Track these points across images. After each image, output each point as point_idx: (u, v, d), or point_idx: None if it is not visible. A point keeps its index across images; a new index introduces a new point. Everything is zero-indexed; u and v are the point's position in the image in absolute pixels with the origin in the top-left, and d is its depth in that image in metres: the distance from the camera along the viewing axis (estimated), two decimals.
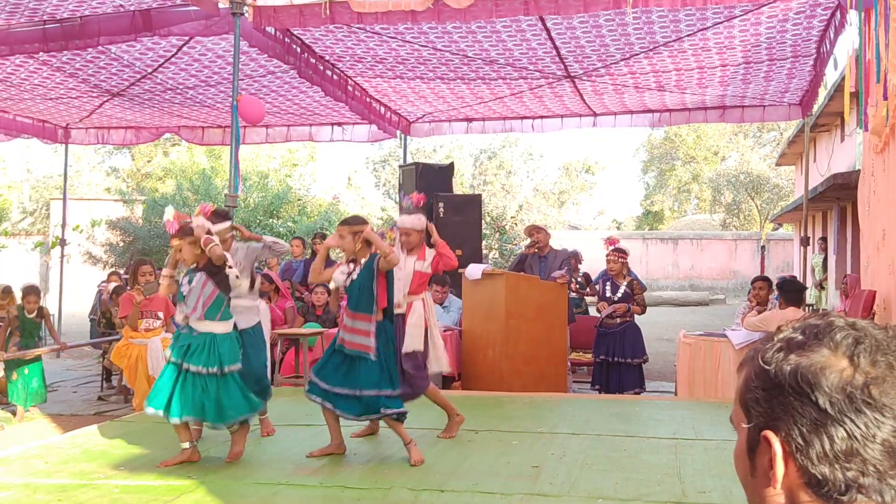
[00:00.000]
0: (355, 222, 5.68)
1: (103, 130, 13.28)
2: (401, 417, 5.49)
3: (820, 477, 1.00)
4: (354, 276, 5.55)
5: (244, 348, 5.84)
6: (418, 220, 6.25)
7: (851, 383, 0.99)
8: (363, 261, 5.56)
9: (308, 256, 11.47)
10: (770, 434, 1.03)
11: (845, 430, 0.99)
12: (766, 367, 1.05)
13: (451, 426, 6.17)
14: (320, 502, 4.64)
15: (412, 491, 4.77)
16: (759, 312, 8.02)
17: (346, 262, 5.70)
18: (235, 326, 5.75)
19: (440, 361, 6.24)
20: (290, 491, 4.85)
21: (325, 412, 5.61)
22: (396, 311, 5.80)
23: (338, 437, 5.70)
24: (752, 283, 8.79)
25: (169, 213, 5.74)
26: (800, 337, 1.06)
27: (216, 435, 6.13)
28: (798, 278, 13.67)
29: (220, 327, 5.54)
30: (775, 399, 1.04)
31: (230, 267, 5.56)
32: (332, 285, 6.10)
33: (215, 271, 5.53)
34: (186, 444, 5.48)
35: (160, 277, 5.84)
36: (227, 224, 6.10)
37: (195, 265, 5.59)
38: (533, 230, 9.43)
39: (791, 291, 7.60)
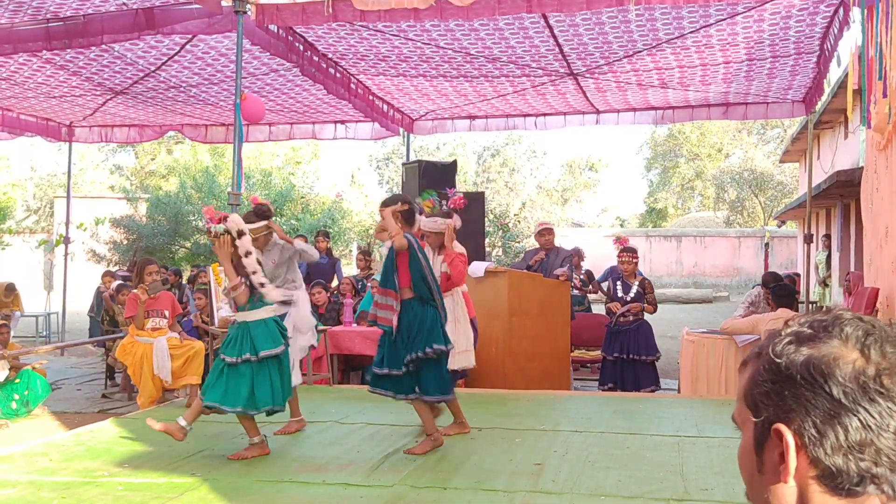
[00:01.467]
0: (392, 201, 5.71)
1: (107, 128, 13.32)
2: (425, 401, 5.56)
3: (834, 469, 1.00)
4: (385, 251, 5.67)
5: None
6: (433, 223, 6.35)
7: (864, 373, 1.00)
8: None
9: None
10: (782, 427, 1.03)
11: (859, 419, 0.99)
12: (777, 359, 1.05)
13: (452, 426, 6.16)
14: (323, 500, 4.64)
15: (415, 488, 4.78)
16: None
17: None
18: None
19: (457, 359, 6.33)
20: (293, 488, 4.85)
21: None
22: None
23: (460, 416, 6.07)
24: (768, 288, 8.74)
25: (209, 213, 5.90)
26: (808, 330, 1.06)
27: (223, 432, 6.15)
28: (801, 275, 13.65)
29: (252, 315, 5.63)
30: (787, 391, 1.04)
31: (254, 273, 5.61)
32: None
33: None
34: (256, 439, 5.56)
35: (228, 290, 5.85)
36: (263, 223, 6.18)
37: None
38: (544, 232, 9.39)
39: (784, 296, 7.61)
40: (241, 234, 5.61)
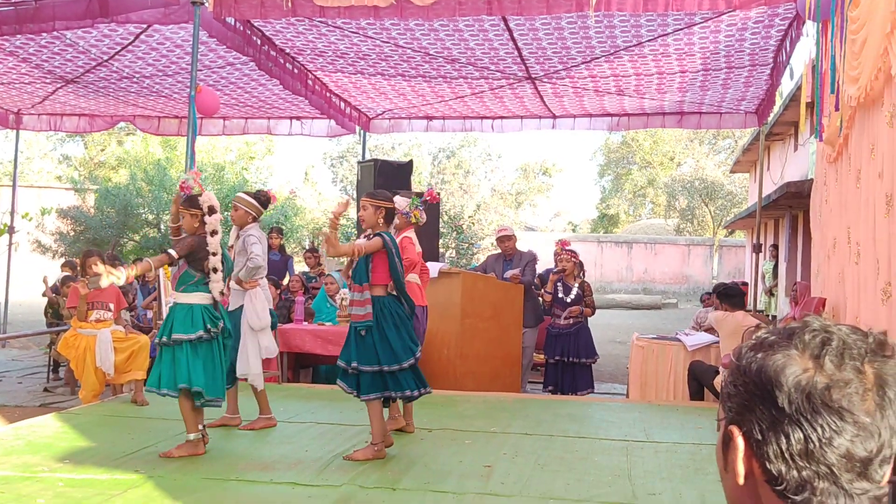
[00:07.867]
0: (381, 197, 5.72)
1: (56, 117, 13.05)
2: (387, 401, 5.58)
3: (776, 474, 1.00)
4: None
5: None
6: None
7: (812, 384, 0.99)
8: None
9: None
10: (734, 429, 1.05)
11: (802, 431, 0.98)
12: (739, 363, 1.07)
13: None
14: (271, 499, 4.59)
15: (363, 488, 4.74)
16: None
17: (365, 235, 5.74)
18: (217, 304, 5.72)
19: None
20: (239, 487, 4.79)
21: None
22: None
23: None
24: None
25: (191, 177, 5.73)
26: (773, 337, 1.07)
27: (168, 427, 6.05)
28: (749, 284, 13.84)
29: (183, 298, 5.55)
30: (743, 395, 1.05)
31: (213, 254, 5.52)
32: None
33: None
34: (191, 436, 5.46)
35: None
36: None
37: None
38: (503, 238, 9.33)
39: (732, 296, 7.64)
40: (212, 210, 5.54)
